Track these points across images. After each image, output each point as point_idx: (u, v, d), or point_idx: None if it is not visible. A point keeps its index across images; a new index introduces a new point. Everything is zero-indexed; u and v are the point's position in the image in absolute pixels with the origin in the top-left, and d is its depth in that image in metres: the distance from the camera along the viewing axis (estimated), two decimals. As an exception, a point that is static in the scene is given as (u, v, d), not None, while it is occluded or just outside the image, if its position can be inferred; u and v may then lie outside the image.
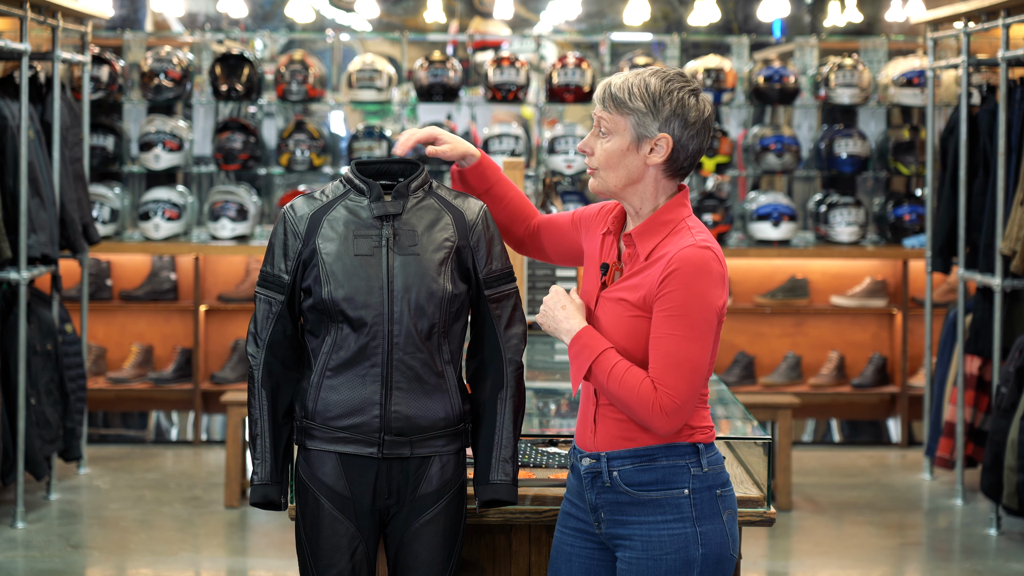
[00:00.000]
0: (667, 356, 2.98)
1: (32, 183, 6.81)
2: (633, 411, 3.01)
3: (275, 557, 6.31)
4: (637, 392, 2.98)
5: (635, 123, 3.05)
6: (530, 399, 4.36)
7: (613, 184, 3.10)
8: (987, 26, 7.19)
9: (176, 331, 8.78)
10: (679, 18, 9.69)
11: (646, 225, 3.08)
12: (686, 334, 2.97)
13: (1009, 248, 6.72)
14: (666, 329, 2.98)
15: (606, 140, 3.09)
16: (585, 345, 3.05)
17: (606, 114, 3.08)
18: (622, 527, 3.08)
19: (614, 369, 3.00)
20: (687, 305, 2.98)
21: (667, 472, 3.06)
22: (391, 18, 9.79)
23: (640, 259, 3.07)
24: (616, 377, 3.00)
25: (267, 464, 3.34)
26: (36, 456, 6.76)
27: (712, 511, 3.07)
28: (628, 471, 3.07)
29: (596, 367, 3.02)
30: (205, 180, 9.13)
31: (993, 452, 6.56)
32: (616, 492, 3.08)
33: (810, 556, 6.44)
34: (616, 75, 3.11)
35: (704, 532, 3.05)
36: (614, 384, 3.00)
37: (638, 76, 3.07)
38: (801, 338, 8.87)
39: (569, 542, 3.19)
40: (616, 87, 3.07)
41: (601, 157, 3.09)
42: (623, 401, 3.00)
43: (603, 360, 3.02)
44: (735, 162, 9.10)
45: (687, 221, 3.07)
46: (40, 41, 7.48)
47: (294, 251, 3.29)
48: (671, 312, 2.98)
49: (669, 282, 2.98)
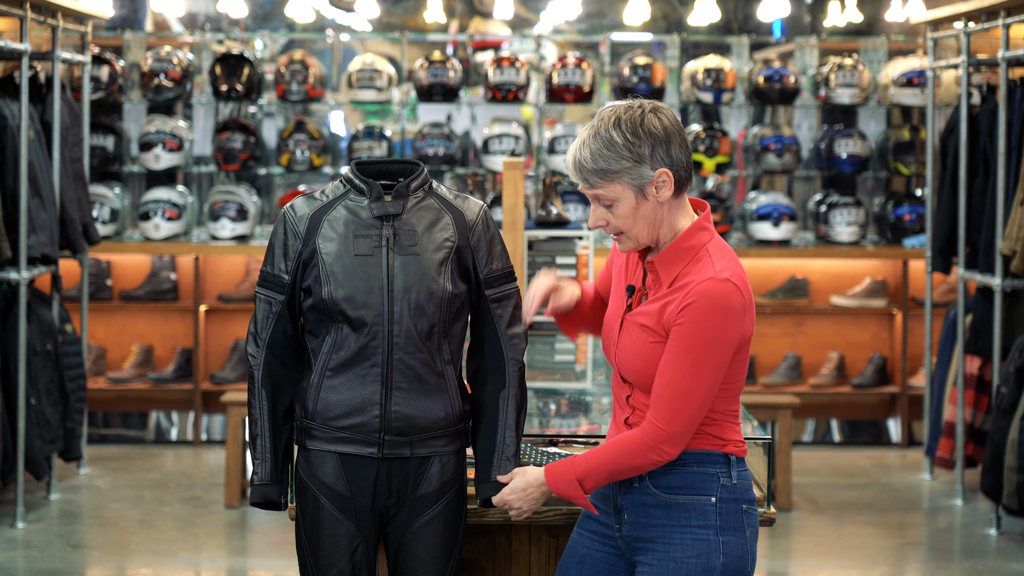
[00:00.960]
0: (666, 387, 3.00)
1: (32, 183, 6.81)
2: (635, 464, 3.04)
3: (275, 557, 6.31)
4: (631, 453, 3.03)
5: (629, 180, 3.02)
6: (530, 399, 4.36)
7: (644, 238, 3.08)
8: (987, 26, 7.19)
9: (176, 331, 8.78)
10: (679, 18, 9.69)
11: (668, 252, 3.06)
12: (690, 369, 2.98)
13: (1009, 248, 6.72)
14: (672, 359, 3.00)
15: (614, 208, 3.06)
16: (556, 481, 3.10)
17: (597, 189, 3.04)
18: (645, 529, 3.09)
19: (598, 465, 3.05)
20: (696, 339, 2.98)
21: (697, 478, 3.07)
22: (391, 18, 9.78)
23: (663, 286, 3.06)
24: (606, 467, 3.05)
25: (267, 464, 3.34)
26: (36, 456, 6.76)
27: (736, 524, 3.08)
28: (659, 473, 3.08)
29: (586, 479, 3.07)
30: (205, 180, 9.13)
31: (993, 452, 6.56)
32: (644, 493, 3.09)
33: (810, 556, 6.44)
34: (575, 148, 3.04)
35: (727, 543, 3.06)
36: (607, 468, 3.05)
37: (596, 141, 3.01)
38: (801, 338, 8.87)
39: (585, 544, 3.19)
40: (588, 162, 3.02)
41: (619, 224, 3.07)
42: (624, 465, 3.04)
43: (579, 469, 3.07)
44: (735, 162, 9.10)
45: (708, 248, 3.05)
46: (40, 41, 7.48)
47: (294, 251, 3.29)
48: (679, 344, 2.99)
49: (684, 314, 2.99)
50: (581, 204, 8.63)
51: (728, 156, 8.84)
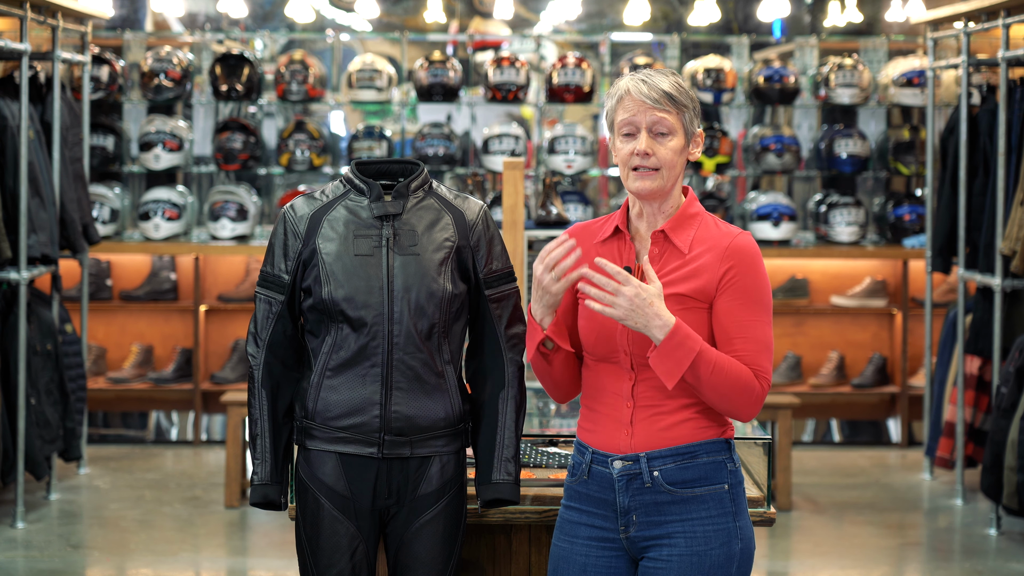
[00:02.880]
0: (757, 342, 3.03)
1: (32, 183, 6.81)
2: (733, 400, 3.02)
3: (275, 557, 6.31)
4: (745, 382, 3.01)
5: (687, 121, 3.10)
6: (530, 399, 4.36)
7: (670, 182, 3.11)
8: (987, 26, 7.19)
9: (176, 331, 8.78)
10: (679, 18, 9.69)
11: (677, 220, 3.11)
12: (766, 318, 3.06)
13: (1009, 248, 6.72)
14: (751, 315, 3.03)
15: (669, 139, 3.09)
16: (686, 336, 2.98)
17: (665, 115, 3.07)
18: (658, 527, 3.08)
19: (719, 363, 3.00)
20: (760, 291, 3.06)
21: (708, 468, 3.08)
22: (391, 18, 9.78)
23: (683, 252, 3.08)
24: (722, 370, 2.99)
25: (267, 464, 3.34)
26: (36, 456, 6.76)
27: (744, 507, 3.13)
28: (670, 470, 3.07)
29: (700, 361, 2.98)
30: (205, 180, 9.13)
31: (993, 452, 6.56)
32: (656, 492, 3.07)
33: (810, 556, 6.44)
34: (648, 74, 3.09)
35: (742, 527, 3.10)
36: (719, 377, 2.99)
37: (671, 75, 3.11)
38: (801, 338, 8.88)
39: (583, 552, 3.13)
40: (669, 86, 3.08)
41: (667, 157, 3.08)
42: (727, 392, 3.00)
43: (705, 353, 3.00)
44: (735, 162, 9.10)
45: (703, 214, 3.13)
46: (40, 41, 7.48)
47: (294, 251, 3.29)
48: (749, 298, 3.04)
49: (735, 271, 3.04)
50: (581, 204, 8.63)
51: (728, 156, 8.84)
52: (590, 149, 8.77)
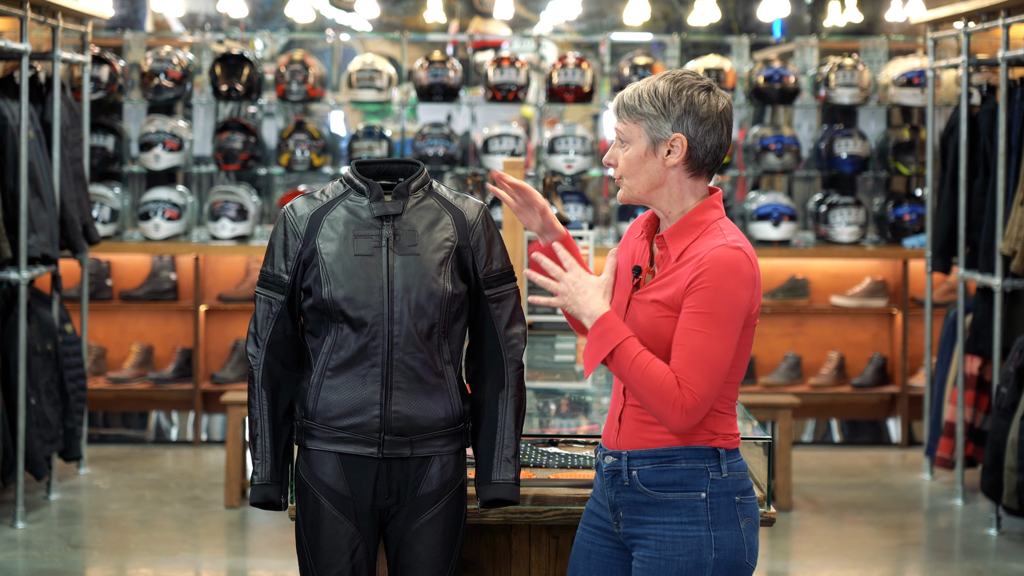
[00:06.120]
0: (691, 352, 2.99)
1: (32, 183, 6.81)
2: (651, 403, 3.00)
3: (275, 557, 6.31)
4: (660, 384, 2.98)
5: (648, 127, 3.08)
6: (530, 399, 4.36)
7: (638, 191, 3.12)
8: (987, 26, 7.19)
9: (176, 331, 8.78)
10: (679, 18, 9.69)
11: (677, 227, 3.10)
12: (712, 332, 2.99)
13: (1009, 248, 6.72)
14: (693, 325, 3.00)
15: (625, 149, 3.12)
16: (609, 329, 3.03)
17: (621, 124, 3.12)
18: (639, 527, 3.09)
19: (638, 358, 3.00)
20: (715, 303, 2.99)
21: (686, 474, 3.06)
22: (391, 18, 9.78)
23: (671, 260, 3.08)
24: (639, 366, 3.00)
25: (267, 464, 3.34)
26: (36, 456, 6.76)
27: (729, 517, 3.07)
28: (647, 471, 3.07)
29: (619, 353, 3.01)
30: (205, 180, 9.13)
31: (993, 452, 6.56)
32: (635, 492, 3.09)
33: (810, 556, 6.44)
34: (629, 85, 3.14)
35: (719, 537, 3.05)
36: (636, 373, 3.00)
37: (648, 82, 3.11)
38: (801, 338, 8.87)
39: (589, 539, 3.19)
40: (627, 96, 3.11)
41: (623, 166, 3.12)
42: (643, 392, 3.00)
43: (627, 347, 3.01)
44: (735, 162, 9.10)
45: (719, 223, 3.09)
46: (40, 41, 7.48)
47: (294, 251, 3.29)
48: (698, 309, 3.00)
49: (699, 280, 3.00)
50: (581, 204, 8.63)
51: (728, 156, 8.83)
52: (590, 149, 8.78)
